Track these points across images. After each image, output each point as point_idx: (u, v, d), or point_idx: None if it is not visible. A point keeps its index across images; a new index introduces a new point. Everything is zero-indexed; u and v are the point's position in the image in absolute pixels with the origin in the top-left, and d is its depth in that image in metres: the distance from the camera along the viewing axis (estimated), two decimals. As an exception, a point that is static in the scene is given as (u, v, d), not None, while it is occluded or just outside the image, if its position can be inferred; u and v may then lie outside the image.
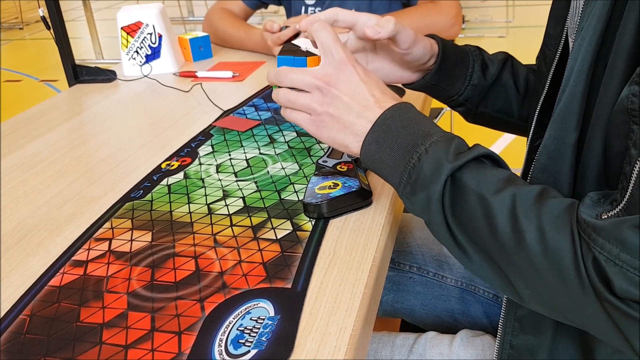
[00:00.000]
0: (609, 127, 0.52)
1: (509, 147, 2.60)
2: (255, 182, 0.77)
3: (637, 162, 0.47)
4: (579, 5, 0.59)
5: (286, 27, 1.24)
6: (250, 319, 0.52)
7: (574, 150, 0.56)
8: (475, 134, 2.87)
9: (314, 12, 1.52)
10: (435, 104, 1.30)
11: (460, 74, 0.82)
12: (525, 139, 0.77)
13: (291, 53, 0.69)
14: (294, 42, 0.71)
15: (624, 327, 0.47)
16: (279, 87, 0.66)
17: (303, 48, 0.70)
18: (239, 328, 0.51)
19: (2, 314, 0.57)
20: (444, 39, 0.81)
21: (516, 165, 0.77)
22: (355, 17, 0.72)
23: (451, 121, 2.08)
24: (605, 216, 0.48)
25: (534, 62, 0.90)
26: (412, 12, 1.38)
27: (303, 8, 1.53)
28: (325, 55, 0.63)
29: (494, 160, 0.57)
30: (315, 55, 0.68)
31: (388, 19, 0.70)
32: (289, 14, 1.57)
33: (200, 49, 1.41)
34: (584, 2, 0.56)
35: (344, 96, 0.61)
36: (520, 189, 0.52)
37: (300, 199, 0.72)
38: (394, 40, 0.73)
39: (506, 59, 0.86)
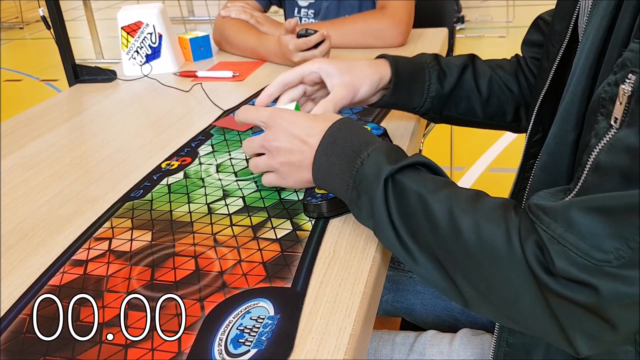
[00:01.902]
0: (585, 121, 0.53)
1: (509, 146, 2.60)
2: (255, 182, 0.77)
3: (594, 149, 0.48)
4: (588, 5, 0.60)
5: (307, 30, 1.19)
6: (250, 319, 0.52)
7: (572, 149, 0.57)
8: (475, 134, 2.86)
9: (307, 14, 1.52)
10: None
11: (417, 89, 0.84)
12: (524, 135, 0.77)
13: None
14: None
15: (561, 314, 0.47)
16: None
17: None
18: (239, 327, 0.52)
19: (2, 314, 0.57)
20: (396, 57, 0.84)
21: (517, 165, 0.77)
22: (299, 72, 0.80)
23: (451, 121, 2.08)
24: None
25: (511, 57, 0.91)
26: (356, 17, 1.37)
27: (296, 10, 1.53)
28: (263, 126, 0.69)
29: (432, 169, 0.59)
30: None
31: (327, 105, 0.76)
32: (285, 15, 1.57)
33: (201, 48, 1.41)
34: (592, 2, 0.56)
35: (284, 143, 0.66)
36: (456, 190, 0.55)
37: (300, 198, 0.72)
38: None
39: (466, 65, 0.87)
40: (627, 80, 0.47)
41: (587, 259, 0.45)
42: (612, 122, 0.48)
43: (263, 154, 0.70)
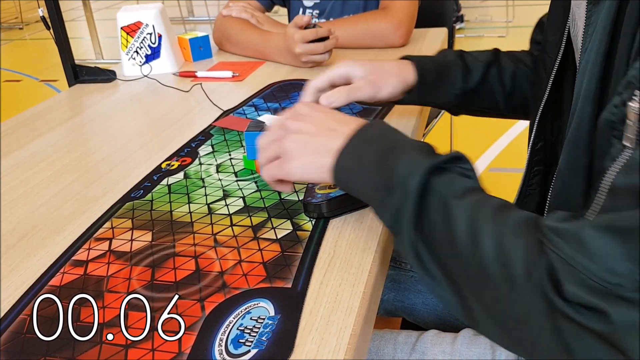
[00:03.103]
0: (593, 145, 0.51)
1: (509, 146, 2.60)
2: (256, 182, 0.77)
3: (609, 172, 0.46)
4: (580, 17, 0.59)
5: (315, 25, 1.19)
6: (251, 319, 0.52)
7: (585, 174, 0.55)
8: (475, 134, 2.86)
9: (311, 14, 1.52)
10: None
11: (442, 89, 0.86)
12: (526, 138, 0.77)
13: (257, 129, 0.76)
14: (260, 118, 0.80)
15: (571, 340, 0.44)
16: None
17: (267, 124, 0.77)
18: (239, 328, 0.51)
19: (3, 314, 0.57)
20: (421, 59, 0.85)
21: (517, 165, 0.77)
22: (328, 77, 0.79)
23: (451, 122, 2.09)
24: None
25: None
26: (358, 18, 1.38)
27: (301, 10, 1.53)
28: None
29: (463, 168, 0.55)
30: None
31: (341, 91, 0.75)
32: (289, 15, 1.58)
33: (200, 49, 1.41)
34: (585, 21, 0.55)
35: (308, 125, 0.62)
36: (484, 197, 0.52)
37: (300, 198, 0.72)
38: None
39: (491, 61, 0.88)
40: (634, 98, 0.45)
41: (598, 282, 0.42)
42: (626, 143, 0.46)
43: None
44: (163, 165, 0.85)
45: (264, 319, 0.52)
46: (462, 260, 0.49)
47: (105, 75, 1.31)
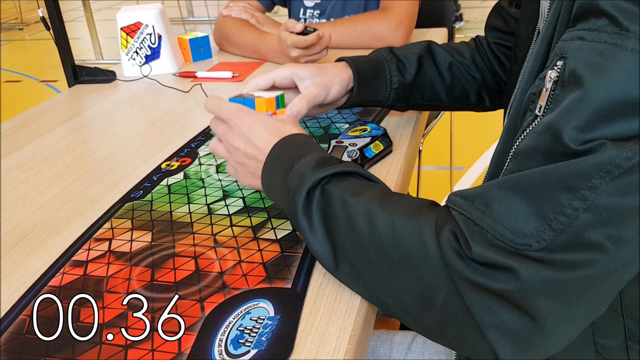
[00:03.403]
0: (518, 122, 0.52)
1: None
2: (255, 182, 0.77)
3: (517, 140, 0.47)
4: (545, 10, 0.59)
5: (306, 27, 1.19)
6: (250, 319, 0.52)
7: None
8: (475, 134, 2.85)
9: (312, 14, 1.52)
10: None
11: (380, 84, 0.85)
12: None
13: (241, 96, 0.76)
14: (252, 92, 0.79)
15: (478, 309, 0.44)
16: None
17: (255, 95, 0.76)
18: (239, 328, 0.52)
19: (2, 314, 0.57)
20: (354, 58, 0.85)
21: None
22: (271, 77, 0.81)
23: (451, 122, 2.09)
24: None
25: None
26: (357, 18, 1.38)
27: (302, 10, 1.53)
28: (220, 117, 0.69)
29: (363, 176, 0.58)
30: (263, 97, 0.75)
31: (301, 101, 0.75)
32: (290, 15, 1.58)
33: (200, 49, 1.41)
34: (549, 8, 0.56)
35: (242, 146, 0.65)
36: (380, 190, 0.54)
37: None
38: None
39: (424, 52, 0.89)
40: (555, 67, 0.45)
41: (506, 242, 0.42)
42: (537, 112, 0.46)
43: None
44: (163, 166, 0.85)
45: (263, 319, 0.52)
46: (368, 253, 0.51)
47: (105, 76, 1.31)
